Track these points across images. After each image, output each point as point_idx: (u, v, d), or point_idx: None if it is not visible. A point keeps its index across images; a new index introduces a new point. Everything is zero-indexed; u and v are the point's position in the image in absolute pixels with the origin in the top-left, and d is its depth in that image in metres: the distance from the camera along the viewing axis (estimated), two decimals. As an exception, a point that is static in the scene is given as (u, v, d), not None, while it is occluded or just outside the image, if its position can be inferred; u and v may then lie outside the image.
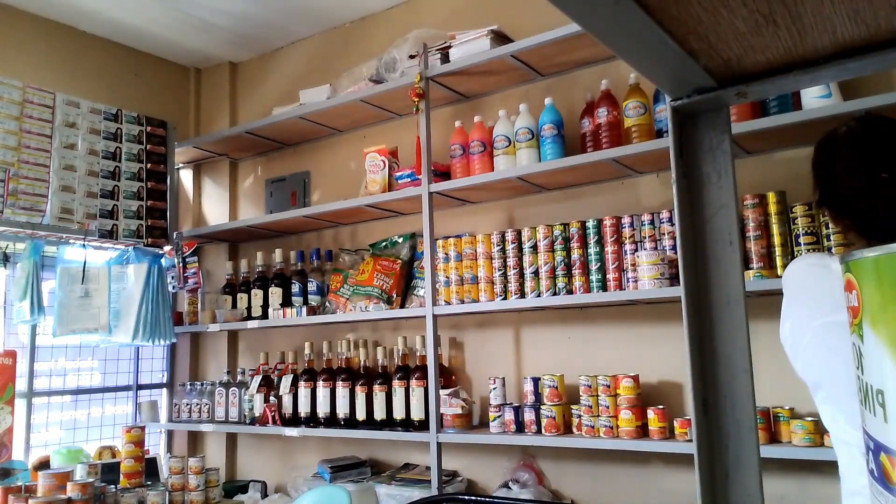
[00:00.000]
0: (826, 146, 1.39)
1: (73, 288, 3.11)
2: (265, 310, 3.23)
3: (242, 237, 3.65)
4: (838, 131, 1.36)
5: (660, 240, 2.27)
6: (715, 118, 0.73)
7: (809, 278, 1.35)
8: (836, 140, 1.36)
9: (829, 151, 1.37)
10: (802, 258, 1.40)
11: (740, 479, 0.67)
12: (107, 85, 3.54)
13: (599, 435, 2.28)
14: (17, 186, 2.91)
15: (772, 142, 2.21)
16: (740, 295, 0.69)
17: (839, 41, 0.63)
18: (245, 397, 3.20)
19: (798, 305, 1.34)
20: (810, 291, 1.34)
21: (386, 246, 3.00)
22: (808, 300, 1.33)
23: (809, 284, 1.34)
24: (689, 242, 0.72)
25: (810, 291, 1.34)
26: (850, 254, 0.55)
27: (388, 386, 2.77)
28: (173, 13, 3.34)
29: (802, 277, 1.36)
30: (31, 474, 2.72)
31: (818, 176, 1.39)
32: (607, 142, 2.39)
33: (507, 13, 2.87)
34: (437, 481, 2.50)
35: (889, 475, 0.49)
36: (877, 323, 0.50)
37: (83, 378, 3.41)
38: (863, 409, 0.55)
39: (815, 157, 1.40)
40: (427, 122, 2.69)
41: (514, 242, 2.49)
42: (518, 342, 2.78)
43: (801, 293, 1.35)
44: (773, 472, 2.12)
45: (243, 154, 3.77)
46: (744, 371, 0.68)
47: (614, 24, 0.58)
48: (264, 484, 3.29)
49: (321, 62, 3.56)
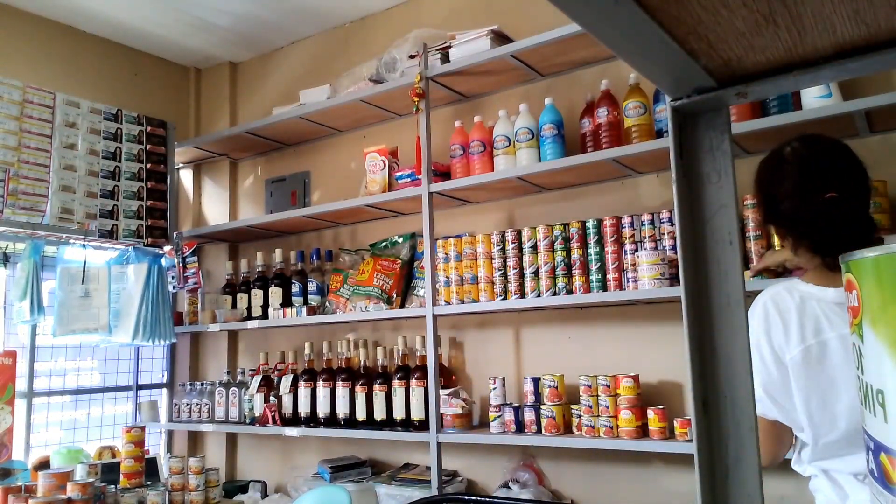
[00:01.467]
0: (772, 166, 1.42)
1: (73, 288, 3.11)
2: (265, 310, 3.23)
3: (242, 237, 3.65)
4: (783, 151, 1.39)
5: (660, 240, 2.27)
6: (715, 118, 0.73)
7: (789, 305, 1.37)
8: (782, 160, 1.39)
9: (775, 172, 1.40)
10: (770, 288, 1.44)
11: (740, 478, 0.67)
12: (107, 85, 3.54)
13: (599, 435, 2.28)
14: (17, 186, 2.91)
15: (772, 142, 2.18)
16: (740, 295, 0.69)
17: (839, 41, 0.63)
18: (245, 397, 3.20)
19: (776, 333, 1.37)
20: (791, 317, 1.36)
21: (386, 246, 3.00)
22: (791, 326, 1.36)
23: (791, 310, 1.36)
24: (689, 242, 0.72)
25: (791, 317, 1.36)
26: (850, 254, 0.55)
27: (388, 386, 2.77)
28: (173, 13, 3.34)
29: (781, 305, 1.38)
30: (31, 474, 2.72)
31: (764, 195, 1.43)
32: (607, 142, 2.39)
33: (507, 13, 2.87)
34: (437, 481, 2.50)
35: (889, 475, 0.50)
36: (877, 323, 0.50)
37: (83, 378, 3.41)
38: (863, 408, 0.55)
39: (760, 177, 1.44)
40: (427, 122, 2.69)
41: (514, 242, 2.49)
42: (518, 342, 2.78)
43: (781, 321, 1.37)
44: (773, 472, 2.12)
45: (243, 154, 3.77)
46: (744, 371, 0.68)
47: (614, 24, 0.58)
48: (264, 484, 3.29)
49: (321, 62, 3.56)
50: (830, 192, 1.30)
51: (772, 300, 1.38)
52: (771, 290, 1.41)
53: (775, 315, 1.35)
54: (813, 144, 1.39)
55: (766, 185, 1.43)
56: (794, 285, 1.38)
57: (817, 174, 1.34)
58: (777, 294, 1.38)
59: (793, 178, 1.36)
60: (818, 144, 1.40)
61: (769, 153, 1.44)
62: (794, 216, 1.37)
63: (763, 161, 1.44)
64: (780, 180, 1.39)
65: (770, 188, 1.42)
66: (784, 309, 1.35)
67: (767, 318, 1.36)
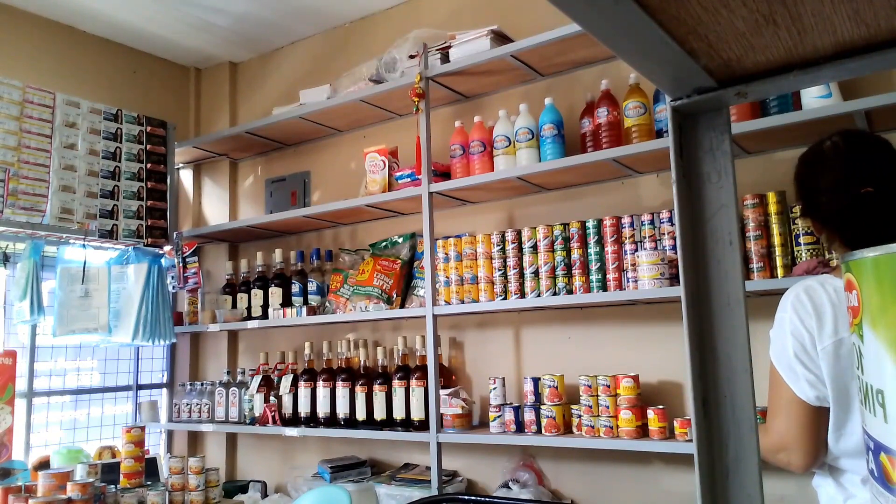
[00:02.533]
0: (811, 160, 1.42)
1: (73, 288, 3.11)
2: (265, 310, 3.23)
3: (242, 237, 3.65)
4: (823, 146, 1.40)
5: (660, 240, 2.27)
6: (715, 118, 0.73)
7: (823, 299, 1.34)
8: (822, 154, 1.39)
9: (815, 166, 1.41)
10: (802, 281, 1.41)
11: (740, 478, 0.67)
12: (107, 85, 3.54)
13: (599, 435, 2.28)
14: (17, 186, 2.91)
15: (772, 142, 2.21)
16: (740, 295, 0.69)
17: (839, 41, 0.63)
18: (245, 397, 3.20)
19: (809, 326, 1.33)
20: (826, 312, 1.33)
21: (386, 246, 3.00)
22: (826, 320, 1.33)
23: (825, 305, 1.33)
24: (689, 242, 0.72)
25: (826, 312, 1.33)
26: (851, 254, 0.55)
27: (388, 386, 2.77)
28: (173, 13, 3.34)
29: (816, 299, 1.35)
30: (31, 474, 2.72)
31: (803, 189, 1.43)
32: (607, 142, 2.39)
33: (507, 13, 2.87)
34: (437, 481, 2.50)
35: (889, 475, 0.49)
36: (877, 323, 0.50)
37: (83, 378, 3.41)
38: (863, 409, 0.55)
39: (800, 171, 1.44)
40: (427, 122, 2.69)
41: (514, 242, 2.49)
42: (518, 342, 2.78)
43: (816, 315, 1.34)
44: (773, 472, 2.12)
45: (243, 154, 3.77)
46: (744, 371, 0.68)
47: (614, 24, 0.58)
48: (264, 484, 3.29)
49: (321, 62, 3.56)
50: (867, 188, 1.30)
51: (805, 292, 1.35)
52: (804, 283, 1.38)
53: (809, 306, 1.32)
54: (853, 139, 1.38)
55: (805, 179, 1.42)
56: (827, 279, 1.35)
57: (856, 169, 1.33)
58: (810, 287, 1.35)
59: (831, 173, 1.36)
60: (859, 139, 1.39)
61: (809, 147, 1.43)
62: (829, 211, 1.35)
63: (802, 155, 1.43)
64: (818, 175, 1.38)
65: (808, 182, 1.41)
66: (818, 301, 1.32)
67: (801, 308, 1.33)
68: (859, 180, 1.31)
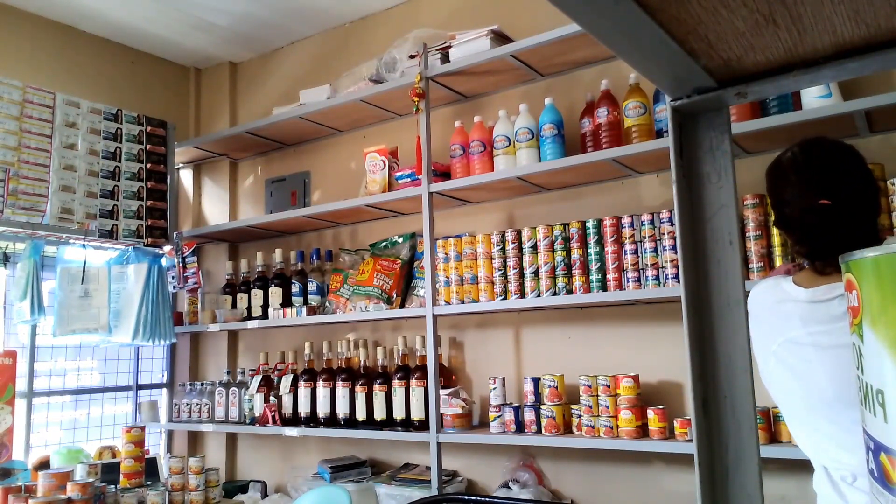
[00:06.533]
0: (774, 173, 1.47)
1: (73, 288, 3.11)
2: (265, 310, 3.23)
3: (242, 237, 3.65)
4: (783, 158, 1.42)
5: (660, 240, 2.27)
6: (715, 118, 0.73)
7: (765, 303, 1.42)
8: (781, 167, 1.43)
9: (776, 178, 1.44)
10: (758, 284, 1.49)
11: (740, 478, 0.67)
12: (107, 85, 3.54)
13: (599, 435, 2.28)
14: (17, 186, 2.91)
15: (772, 142, 2.21)
16: (740, 295, 0.70)
17: (839, 41, 0.63)
18: (245, 397, 3.20)
19: (756, 331, 1.41)
20: (765, 316, 1.41)
21: (386, 246, 3.00)
22: (765, 325, 1.40)
23: (765, 309, 1.42)
24: (689, 242, 0.72)
25: (765, 316, 1.41)
26: (850, 254, 0.55)
27: (388, 386, 2.77)
28: (173, 13, 3.34)
29: (758, 303, 1.43)
30: (31, 474, 2.72)
31: (771, 199, 1.48)
32: (607, 142, 2.39)
33: (507, 13, 2.87)
34: (437, 481, 2.50)
35: (889, 475, 0.49)
36: (877, 323, 0.50)
37: (83, 378, 3.41)
38: (863, 409, 0.55)
39: (767, 182, 1.49)
40: (427, 122, 2.69)
41: (514, 242, 2.49)
42: (518, 342, 2.78)
43: (758, 319, 1.41)
44: (773, 472, 2.12)
45: (243, 154, 3.77)
46: (744, 371, 0.68)
47: (614, 24, 0.58)
48: (264, 484, 3.29)
49: (321, 62, 3.56)
50: (824, 200, 1.31)
51: (753, 298, 1.43)
52: (756, 287, 1.46)
53: (752, 312, 1.41)
54: (812, 151, 1.40)
55: (771, 191, 1.47)
56: (778, 283, 1.41)
57: (812, 182, 1.36)
58: (759, 293, 1.44)
59: (790, 187, 1.39)
60: (818, 150, 1.40)
61: (774, 158, 1.45)
62: (791, 222, 1.40)
63: (768, 166, 1.47)
64: (780, 187, 1.41)
65: (773, 194, 1.46)
66: (755, 309, 1.41)
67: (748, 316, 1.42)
68: (816, 192, 1.34)
